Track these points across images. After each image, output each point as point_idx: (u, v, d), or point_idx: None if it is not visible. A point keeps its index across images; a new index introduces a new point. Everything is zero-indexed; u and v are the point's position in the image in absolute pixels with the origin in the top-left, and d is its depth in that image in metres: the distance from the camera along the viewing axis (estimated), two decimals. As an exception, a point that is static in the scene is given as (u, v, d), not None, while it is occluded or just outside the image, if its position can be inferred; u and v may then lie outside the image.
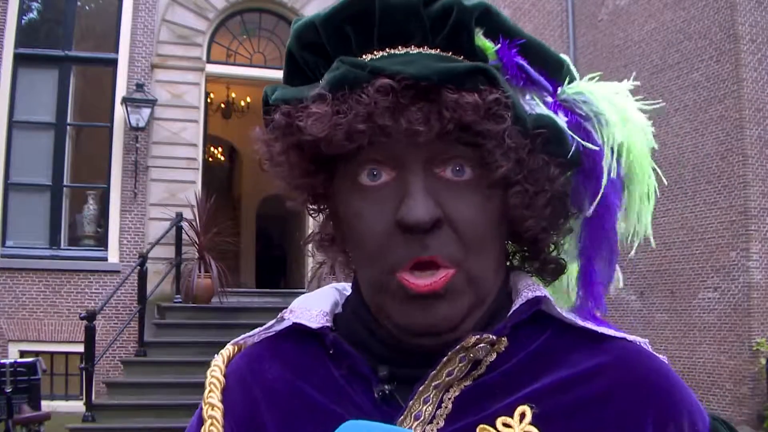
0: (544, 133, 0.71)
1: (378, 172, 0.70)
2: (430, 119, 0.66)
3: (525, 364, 0.73)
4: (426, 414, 0.71)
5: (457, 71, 0.67)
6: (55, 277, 8.90)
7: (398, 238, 0.68)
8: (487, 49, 0.72)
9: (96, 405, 6.89)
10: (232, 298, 8.74)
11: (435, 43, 0.70)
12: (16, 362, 7.10)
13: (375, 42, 0.71)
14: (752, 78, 9.65)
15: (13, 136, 9.21)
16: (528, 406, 0.69)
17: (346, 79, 0.68)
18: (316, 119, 0.68)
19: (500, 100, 0.68)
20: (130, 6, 9.52)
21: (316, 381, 0.76)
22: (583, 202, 0.78)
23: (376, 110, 0.66)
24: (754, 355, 9.18)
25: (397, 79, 0.66)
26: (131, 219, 9.29)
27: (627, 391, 0.71)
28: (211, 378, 0.81)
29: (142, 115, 9.03)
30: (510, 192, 0.71)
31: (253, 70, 10.37)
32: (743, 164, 9.53)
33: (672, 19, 10.61)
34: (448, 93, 0.66)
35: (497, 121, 0.67)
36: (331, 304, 0.82)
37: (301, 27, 0.75)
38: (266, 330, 0.83)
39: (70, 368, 8.71)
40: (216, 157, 14.42)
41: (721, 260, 9.69)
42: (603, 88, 0.78)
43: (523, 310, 0.74)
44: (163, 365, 7.53)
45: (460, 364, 0.71)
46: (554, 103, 0.75)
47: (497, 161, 0.68)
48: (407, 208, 0.67)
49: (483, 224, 0.70)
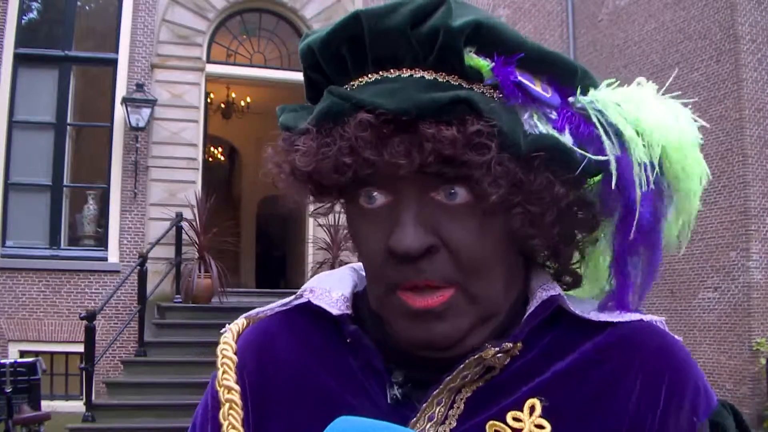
0: (543, 155, 0.67)
1: (374, 196, 0.70)
2: (411, 152, 0.65)
3: (537, 360, 0.73)
4: (438, 415, 0.71)
5: (439, 103, 0.65)
6: (55, 277, 8.90)
7: (393, 262, 0.68)
8: (482, 68, 0.68)
9: (96, 405, 6.88)
10: (232, 298, 8.73)
11: (427, 64, 0.68)
12: (16, 362, 7.09)
13: (369, 65, 0.70)
14: (752, 78, 9.65)
15: (13, 136, 9.20)
16: (537, 399, 0.69)
17: (331, 113, 0.68)
18: (302, 154, 0.69)
19: (482, 131, 0.65)
20: (130, 6, 9.52)
21: (330, 365, 0.76)
22: (614, 208, 0.74)
23: (358, 144, 0.66)
24: (754, 355, 9.18)
25: (376, 113, 0.65)
26: (131, 219, 9.29)
27: (637, 372, 0.71)
28: (223, 358, 0.79)
29: (142, 115, 9.03)
30: (512, 213, 0.69)
31: (253, 70, 10.37)
32: (743, 164, 9.53)
33: (672, 19, 10.61)
34: (425, 128, 0.64)
35: (480, 153, 0.65)
36: (350, 287, 0.82)
37: (303, 49, 0.75)
38: (282, 305, 0.83)
39: (70, 368, 8.71)
40: (216, 157, 14.41)
41: (721, 260, 9.69)
42: (628, 95, 0.73)
43: (538, 312, 0.74)
44: (163, 365, 7.52)
45: (475, 369, 0.71)
46: (562, 116, 0.70)
47: (486, 190, 0.66)
48: (396, 239, 0.67)
49: (482, 247, 0.69)
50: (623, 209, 0.72)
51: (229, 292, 8.79)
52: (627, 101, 0.72)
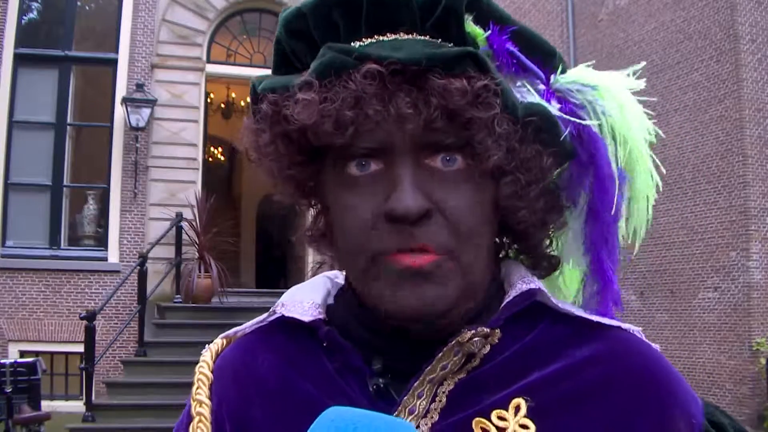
0: (536, 121, 0.69)
1: (367, 163, 0.69)
2: (418, 105, 0.65)
3: (520, 356, 0.72)
4: (420, 408, 0.70)
5: (446, 56, 0.66)
6: (55, 277, 8.90)
7: (386, 228, 0.67)
8: (478, 36, 0.70)
9: (96, 405, 6.89)
10: (232, 298, 8.74)
11: (424, 29, 0.69)
12: (16, 362, 7.10)
13: (363, 29, 0.69)
14: (752, 78, 9.65)
15: (13, 136, 9.21)
16: (523, 399, 0.69)
17: (333, 65, 0.67)
18: (303, 106, 0.67)
19: (489, 86, 0.66)
20: (130, 6, 9.52)
21: (310, 374, 0.75)
22: (578, 195, 0.78)
23: (364, 96, 0.65)
24: (754, 355, 9.19)
25: (384, 65, 0.65)
26: (131, 219, 9.29)
27: (622, 381, 0.71)
28: (199, 374, 0.80)
29: (142, 115, 9.03)
30: (502, 182, 0.70)
31: (253, 70, 10.33)
32: (743, 164, 9.54)
33: (672, 19, 10.61)
34: (435, 78, 0.65)
35: (486, 108, 0.66)
36: (323, 294, 0.81)
37: (289, 15, 0.73)
38: (258, 323, 0.82)
39: (70, 368, 8.71)
40: (216, 157, 14.42)
41: (721, 260, 9.70)
42: (601, 77, 0.77)
43: (517, 302, 0.73)
44: (163, 365, 7.52)
45: (454, 358, 0.70)
46: (547, 91, 0.74)
47: (488, 149, 0.66)
48: (395, 199, 0.66)
49: (475, 213, 0.69)
50: (595, 189, 0.76)
51: (229, 292, 8.79)
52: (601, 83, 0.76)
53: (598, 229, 0.78)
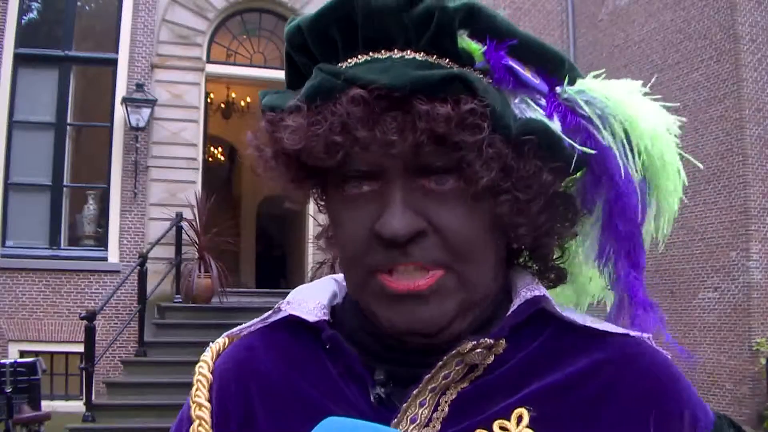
0: (533, 139, 0.68)
1: (361, 183, 0.69)
2: (404, 130, 0.64)
3: (524, 366, 0.71)
4: (422, 417, 0.69)
5: (431, 79, 0.64)
6: (55, 277, 8.90)
7: (379, 247, 0.67)
8: (474, 52, 0.68)
9: (96, 405, 6.89)
10: (232, 298, 8.74)
11: (419, 46, 0.68)
12: (16, 362, 7.10)
13: (360, 46, 0.69)
14: (752, 78, 9.65)
15: (13, 136, 9.21)
16: (525, 409, 0.68)
17: (322, 89, 0.67)
18: (291, 132, 0.68)
19: (476, 110, 0.64)
20: (130, 6, 9.52)
21: (311, 375, 0.75)
22: (593, 204, 0.76)
23: (350, 121, 0.64)
24: (754, 355, 9.19)
25: (369, 89, 0.64)
26: (131, 219, 9.29)
27: (626, 389, 0.70)
28: (199, 375, 0.79)
29: (142, 115, 9.03)
30: (498, 200, 0.68)
31: (253, 70, 10.37)
32: (743, 164, 9.54)
33: (672, 19, 10.62)
34: (419, 104, 0.64)
35: (474, 132, 0.64)
36: (329, 296, 0.81)
37: (290, 30, 0.73)
38: (262, 321, 0.82)
39: (70, 368, 8.71)
40: (216, 157, 14.41)
41: (721, 260, 9.70)
42: (611, 88, 0.74)
43: (521, 310, 0.72)
44: (163, 365, 7.52)
45: (456, 368, 0.69)
46: (550, 105, 0.71)
47: (477, 173, 0.65)
48: (384, 223, 0.66)
49: (471, 232, 0.68)
50: (610, 200, 0.74)
51: (229, 292, 8.79)
52: (613, 93, 0.74)
53: (614, 240, 0.77)
